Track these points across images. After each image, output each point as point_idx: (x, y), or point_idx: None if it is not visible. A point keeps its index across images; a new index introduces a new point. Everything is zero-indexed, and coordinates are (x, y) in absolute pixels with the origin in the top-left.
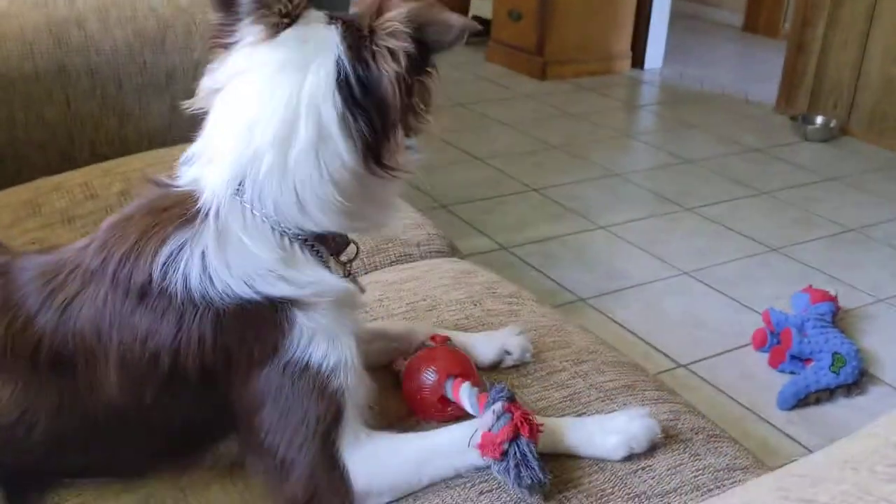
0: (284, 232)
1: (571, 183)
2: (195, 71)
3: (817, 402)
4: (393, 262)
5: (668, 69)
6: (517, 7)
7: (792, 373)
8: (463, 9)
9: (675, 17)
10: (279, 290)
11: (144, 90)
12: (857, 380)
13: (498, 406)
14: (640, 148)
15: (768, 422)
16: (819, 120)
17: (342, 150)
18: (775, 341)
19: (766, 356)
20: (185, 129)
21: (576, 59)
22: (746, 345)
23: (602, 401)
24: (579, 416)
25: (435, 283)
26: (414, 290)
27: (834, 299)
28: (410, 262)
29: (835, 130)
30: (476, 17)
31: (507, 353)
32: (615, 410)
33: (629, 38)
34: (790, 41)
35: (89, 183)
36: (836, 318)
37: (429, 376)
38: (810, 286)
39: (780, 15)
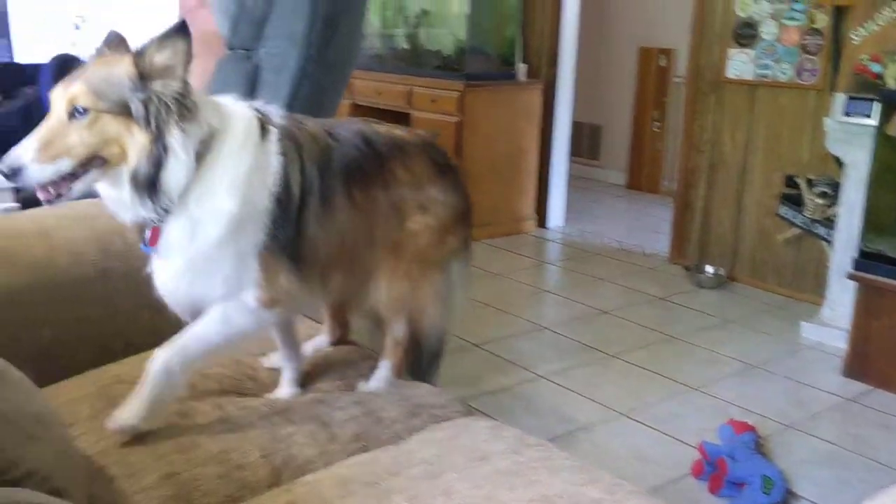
0: None
1: (506, 337)
2: None
3: None
4: (426, 423)
5: (570, 227)
6: None
7: (730, 497)
8: None
9: (570, 179)
10: None
11: None
12: (784, 499)
13: None
14: (559, 301)
15: None
16: (709, 269)
17: None
18: (712, 469)
19: (704, 484)
20: None
21: (488, 223)
22: (686, 474)
23: None
24: None
25: (477, 438)
26: (464, 444)
27: (754, 429)
28: (443, 421)
29: (723, 278)
30: None
31: None
32: None
33: (533, 202)
34: (676, 201)
35: None
36: (758, 444)
37: None
38: (731, 419)
39: (659, 174)
